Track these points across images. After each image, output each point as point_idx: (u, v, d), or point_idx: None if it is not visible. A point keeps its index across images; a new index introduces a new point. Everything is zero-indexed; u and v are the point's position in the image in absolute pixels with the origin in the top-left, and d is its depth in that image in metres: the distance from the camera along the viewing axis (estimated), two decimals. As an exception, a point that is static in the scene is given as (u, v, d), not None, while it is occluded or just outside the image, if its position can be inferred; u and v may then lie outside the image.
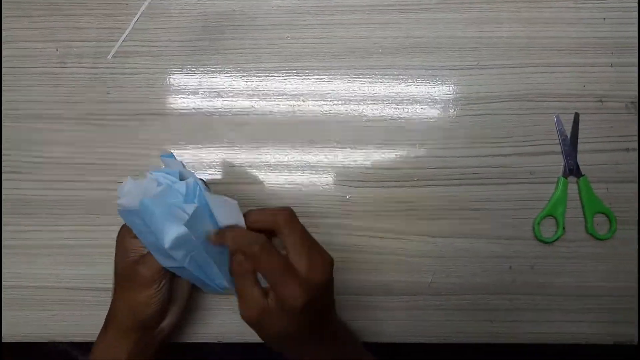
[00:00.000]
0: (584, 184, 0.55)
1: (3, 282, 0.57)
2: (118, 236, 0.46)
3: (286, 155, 0.57)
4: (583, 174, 0.55)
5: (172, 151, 0.53)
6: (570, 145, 0.56)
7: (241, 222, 0.43)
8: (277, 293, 0.40)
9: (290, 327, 0.41)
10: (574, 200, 0.55)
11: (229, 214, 0.43)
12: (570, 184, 0.55)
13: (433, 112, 0.57)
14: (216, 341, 0.56)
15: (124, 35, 0.58)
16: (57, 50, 0.58)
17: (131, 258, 0.44)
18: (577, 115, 0.56)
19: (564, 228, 0.54)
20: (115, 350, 0.45)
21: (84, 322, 0.56)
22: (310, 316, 0.41)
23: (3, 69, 0.59)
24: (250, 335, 0.45)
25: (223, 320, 0.56)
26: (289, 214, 0.42)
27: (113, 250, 0.55)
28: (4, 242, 0.57)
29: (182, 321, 0.51)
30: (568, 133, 0.56)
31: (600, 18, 0.58)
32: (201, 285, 0.48)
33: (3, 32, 0.59)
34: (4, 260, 0.56)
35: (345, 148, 0.56)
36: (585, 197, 0.55)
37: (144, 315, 0.45)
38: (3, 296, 0.56)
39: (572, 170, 0.55)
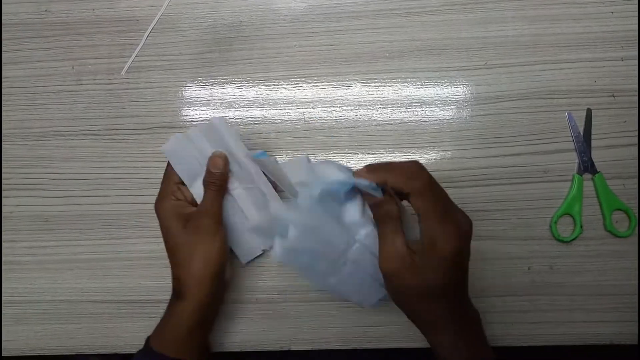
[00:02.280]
0: (599, 181, 0.43)
1: (29, 297, 0.49)
2: (158, 207, 0.40)
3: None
4: (598, 170, 0.45)
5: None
6: (584, 142, 0.45)
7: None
8: (431, 235, 0.33)
9: (433, 279, 0.33)
10: (590, 197, 0.45)
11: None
12: (586, 181, 0.45)
13: (443, 114, 0.46)
14: (238, 350, 0.44)
15: (136, 50, 0.48)
16: (72, 68, 0.49)
17: (185, 215, 0.39)
18: (589, 111, 0.45)
19: (581, 226, 0.43)
20: (192, 319, 0.39)
21: (109, 333, 0.49)
22: (454, 270, 0.33)
23: (18, 89, 0.52)
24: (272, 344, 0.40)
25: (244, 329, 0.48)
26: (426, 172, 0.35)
27: (134, 263, 0.49)
28: (27, 258, 0.50)
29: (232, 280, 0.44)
30: (581, 129, 0.45)
31: (607, 12, 0.47)
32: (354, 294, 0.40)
33: (18, 53, 0.47)
34: (28, 275, 0.50)
35: (357, 153, 0.46)
36: (602, 194, 0.44)
37: (218, 268, 0.39)
38: (30, 311, 0.49)
39: (587, 167, 0.44)
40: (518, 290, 0.45)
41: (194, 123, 0.49)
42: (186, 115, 0.49)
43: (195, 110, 0.49)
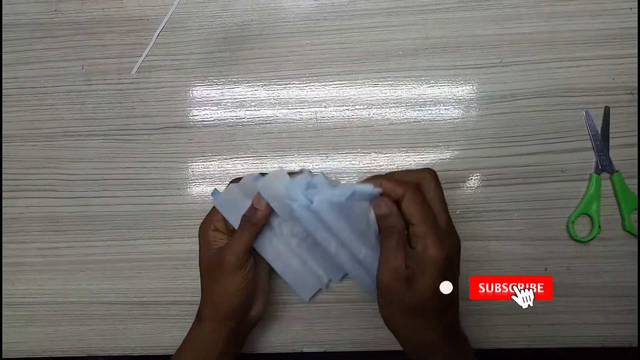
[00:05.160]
0: (618, 180, 0.43)
1: (40, 299, 0.50)
2: (200, 232, 0.41)
3: (311, 162, 0.46)
4: (616, 169, 0.44)
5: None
6: (602, 141, 0.44)
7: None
8: (424, 240, 0.33)
9: (426, 287, 0.33)
10: (608, 197, 0.45)
11: None
12: (604, 180, 0.45)
13: (457, 113, 0.46)
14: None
15: (147, 50, 0.48)
16: (82, 68, 0.49)
17: (215, 248, 0.39)
18: (607, 109, 0.45)
19: (599, 226, 0.43)
20: (210, 341, 0.40)
21: (120, 335, 0.49)
22: (447, 278, 0.33)
23: (28, 89, 0.52)
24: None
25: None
26: (435, 173, 0.36)
27: (144, 264, 0.50)
28: (37, 260, 0.50)
29: (266, 313, 0.44)
30: (598, 128, 0.45)
31: (626, 8, 0.47)
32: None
33: (28, 53, 0.48)
34: (39, 277, 0.50)
35: (370, 153, 0.46)
36: (620, 194, 0.43)
37: (235, 303, 0.39)
38: (40, 312, 0.50)
39: (605, 166, 0.44)
40: (535, 291, 0.45)
41: (204, 123, 0.49)
42: (197, 115, 0.49)
43: (206, 110, 0.49)
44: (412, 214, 0.33)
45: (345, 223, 0.36)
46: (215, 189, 0.41)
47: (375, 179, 0.35)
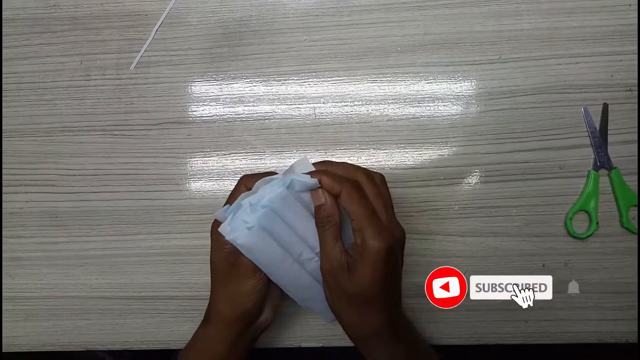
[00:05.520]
0: (616, 177, 0.43)
1: (39, 293, 0.50)
2: (212, 231, 0.39)
3: (309, 158, 0.45)
4: (615, 166, 0.44)
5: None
6: (600, 137, 0.44)
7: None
8: (362, 234, 0.34)
9: (364, 277, 0.34)
10: (606, 194, 0.45)
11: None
12: (602, 177, 0.45)
13: (456, 109, 0.46)
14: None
15: (145, 45, 0.48)
16: (81, 63, 0.49)
17: (228, 249, 0.37)
18: (605, 106, 0.45)
19: (597, 223, 0.43)
20: (215, 343, 0.39)
21: (119, 330, 0.49)
22: (385, 269, 0.34)
23: (27, 85, 0.52)
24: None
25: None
26: (369, 175, 0.37)
27: (143, 259, 0.50)
28: (37, 254, 0.50)
29: (276, 318, 0.43)
30: (597, 124, 0.45)
31: (625, 5, 0.47)
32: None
33: (27, 48, 0.48)
34: (38, 272, 0.50)
35: (368, 149, 0.46)
36: (618, 190, 0.44)
37: (246, 306, 0.38)
38: (40, 307, 0.50)
39: (603, 162, 0.44)
40: (532, 287, 0.45)
41: (203, 119, 0.49)
42: (195, 111, 0.49)
43: (205, 105, 0.49)
44: (350, 209, 0.34)
45: (294, 215, 0.36)
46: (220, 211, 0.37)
47: (316, 173, 0.36)
